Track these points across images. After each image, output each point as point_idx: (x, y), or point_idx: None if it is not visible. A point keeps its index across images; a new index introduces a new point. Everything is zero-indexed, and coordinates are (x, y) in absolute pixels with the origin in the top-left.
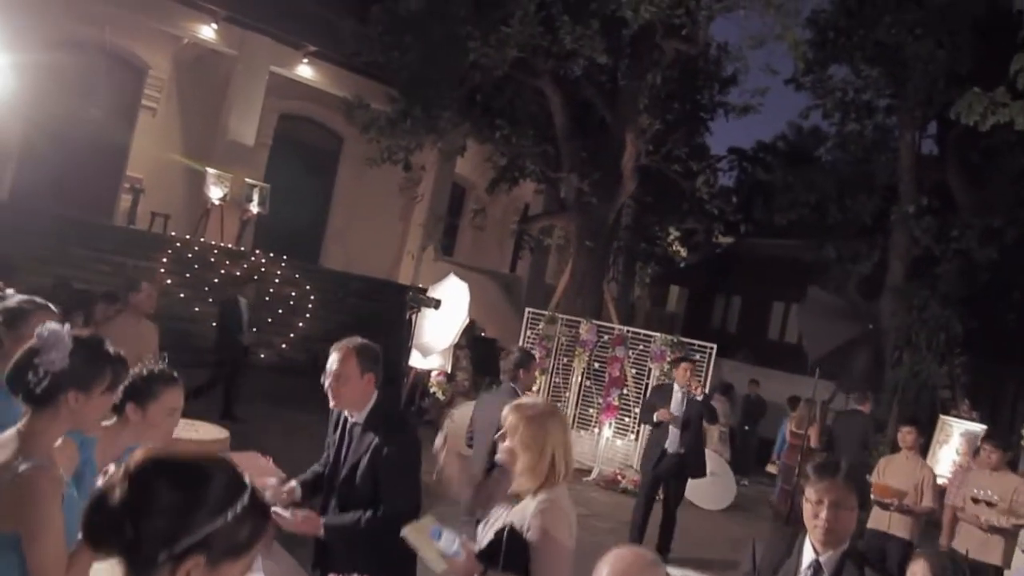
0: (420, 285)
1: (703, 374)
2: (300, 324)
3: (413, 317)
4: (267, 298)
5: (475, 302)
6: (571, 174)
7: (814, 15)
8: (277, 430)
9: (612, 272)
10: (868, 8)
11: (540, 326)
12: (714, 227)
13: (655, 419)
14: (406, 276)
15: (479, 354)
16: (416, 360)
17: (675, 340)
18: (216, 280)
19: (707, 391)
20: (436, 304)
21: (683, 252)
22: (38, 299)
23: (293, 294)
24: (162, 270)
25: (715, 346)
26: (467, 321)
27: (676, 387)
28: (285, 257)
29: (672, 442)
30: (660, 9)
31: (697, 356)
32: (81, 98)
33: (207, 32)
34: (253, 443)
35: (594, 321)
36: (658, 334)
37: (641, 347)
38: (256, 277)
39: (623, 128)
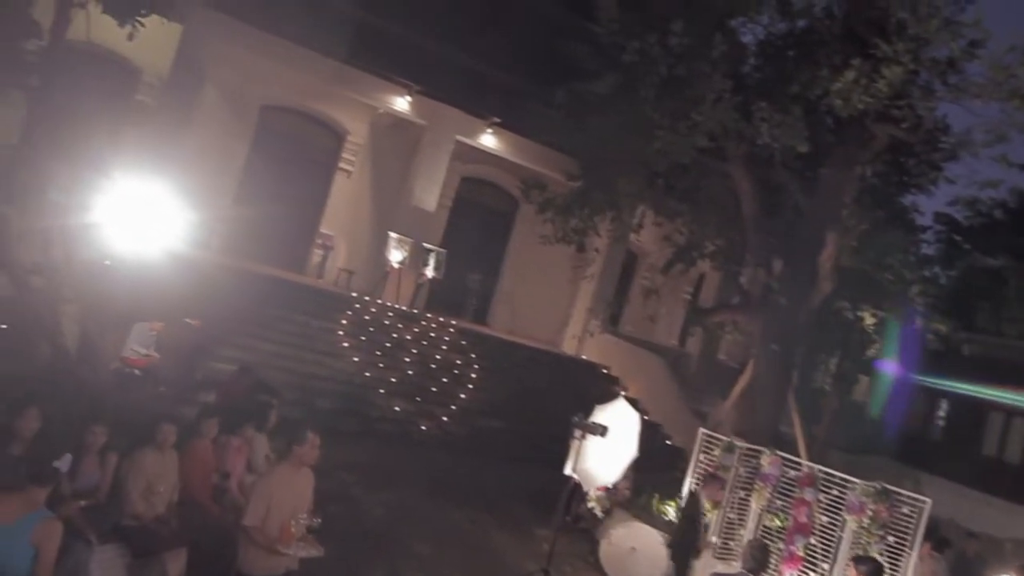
0: (583, 357)
1: (911, 534)
2: (463, 396)
3: (578, 441)
4: (432, 365)
5: (639, 379)
6: (758, 267)
7: None
8: (425, 532)
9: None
10: None
11: (715, 452)
12: (916, 317)
13: None
14: (571, 345)
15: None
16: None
17: (878, 488)
18: (388, 344)
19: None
20: (602, 431)
21: (878, 340)
22: None
23: (458, 362)
24: (340, 332)
25: (930, 502)
26: (636, 456)
27: None
28: (454, 322)
29: None
30: (876, 99)
31: (906, 509)
32: (286, 158)
33: (401, 103)
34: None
35: (779, 453)
36: (858, 481)
37: (836, 492)
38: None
39: (823, 221)
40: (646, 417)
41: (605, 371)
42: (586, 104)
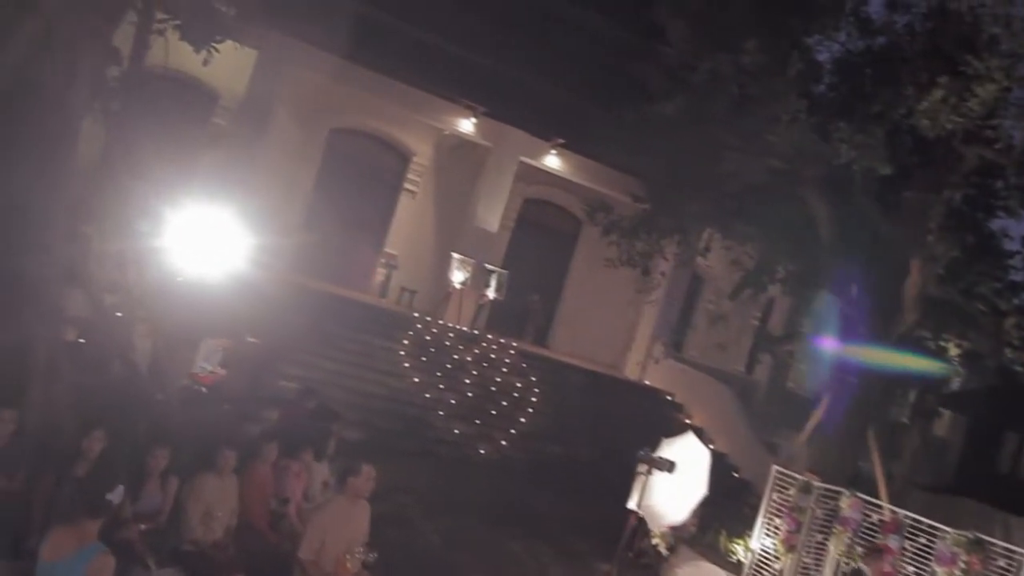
0: (646, 382)
1: None
2: (522, 419)
3: (644, 476)
4: (492, 388)
5: (704, 407)
6: (834, 295)
7: None
8: (482, 562)
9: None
10: None
11: (789, 491)
12: (1006, 349)
13: None
14: (633, 370)
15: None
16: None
17: (972, 538)
18: (448, 365)
19: None
20: (670, 467)
21: (960, 372)
22: None
23: (518, 385)
24: (401, 352)
25: None
26: (706, 495)
27: None
28: (514, 344)
29: None
30: (966, 119)
31: (1002, 562)
32: (353, 179)
33: (466, 125)
34: None
35: (860, 495)
36: (949, 530)
37: (923, 540)
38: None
39: (906, 248)
40: (711, 447)
41: (669, 398)
42: (653, 125)
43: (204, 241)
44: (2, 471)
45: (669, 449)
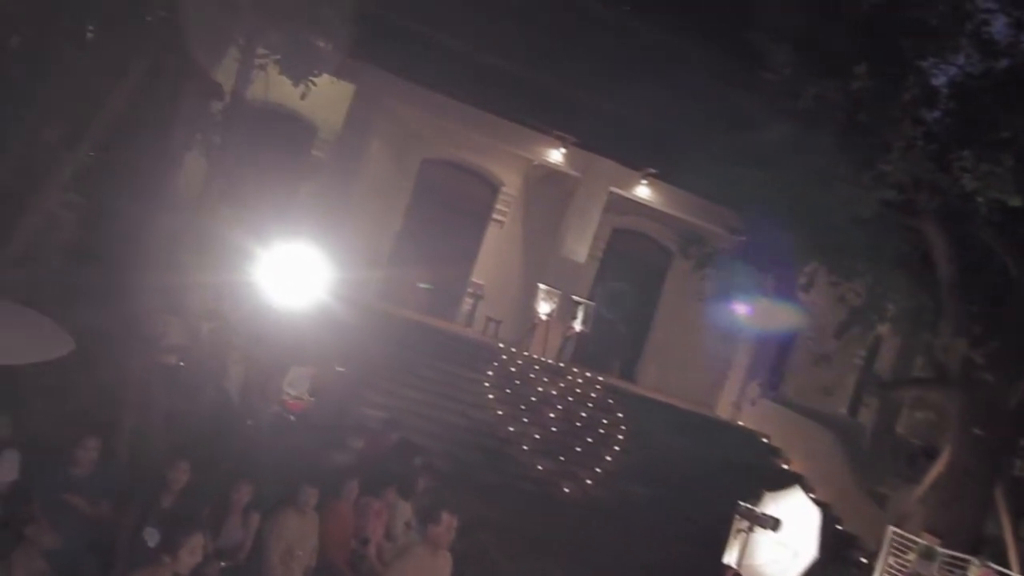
0: (740, 423)
1: None
2: (608, 458)
3: (745, 532)
4: (578, 423)
5: (803, 452)
6: (956, 337)
7: None
8: None
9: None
10: None
11: (908, 556)
12: None
13: None
14: (725, 409)
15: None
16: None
17: None
18: (533, 398)
19: None
20: (774, 525)
21: None
22: None
23: (605, 421)
24: (486, 383)
25: None
26: (816, 558)
27: None
28: (601, 378)
29: None
30: None
31: None
32: (443, 209)
33: (556, 155)
34: None
35: (992, 565)
36: None
37: None
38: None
39: None
40: (811, 495)
41: (765, 440)
42: (752, 154)
43: (296, 270)
44: (88, 497)
45: (774, 504)
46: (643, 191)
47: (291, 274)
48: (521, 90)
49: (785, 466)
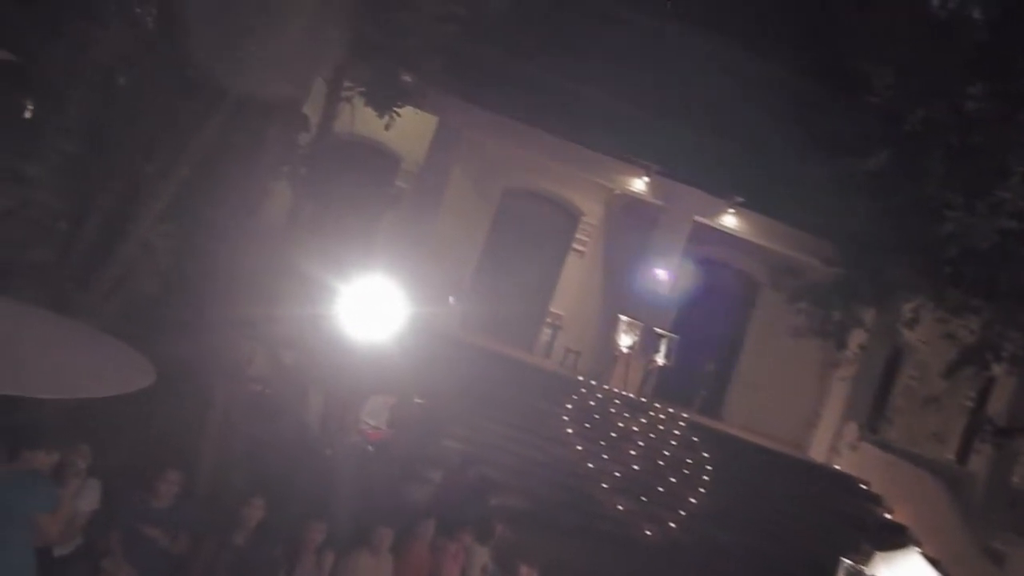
0: (836, 467)
1: None
2: (692, 500)
3: None
4: (660, 461)
5: (907, 500)
6: None
7: None
8: None
9: None
10: None
11: None
12: None
13: None
14: (819, 451)
15: None
16: None
17: None
18: (613, 434)
19: None
20: None
21: None
22: None
23: (689, 461)
24: (565, 417)
25: None
26: None
27: None
28: (684, 415)
29: None
30: None
31: None
32: (523, 238)
33: (638, 185)
34: None
35: None
36: None
37: None
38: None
39: None
40: (919, 550)
41: (863, 487)
42: (851, 181)
43: (377, 301)
44: (166, 530)
45: (885, 568)
46: (729, 220)
47: (372, 304)
48: (604, 119)
49: (888, 515)
